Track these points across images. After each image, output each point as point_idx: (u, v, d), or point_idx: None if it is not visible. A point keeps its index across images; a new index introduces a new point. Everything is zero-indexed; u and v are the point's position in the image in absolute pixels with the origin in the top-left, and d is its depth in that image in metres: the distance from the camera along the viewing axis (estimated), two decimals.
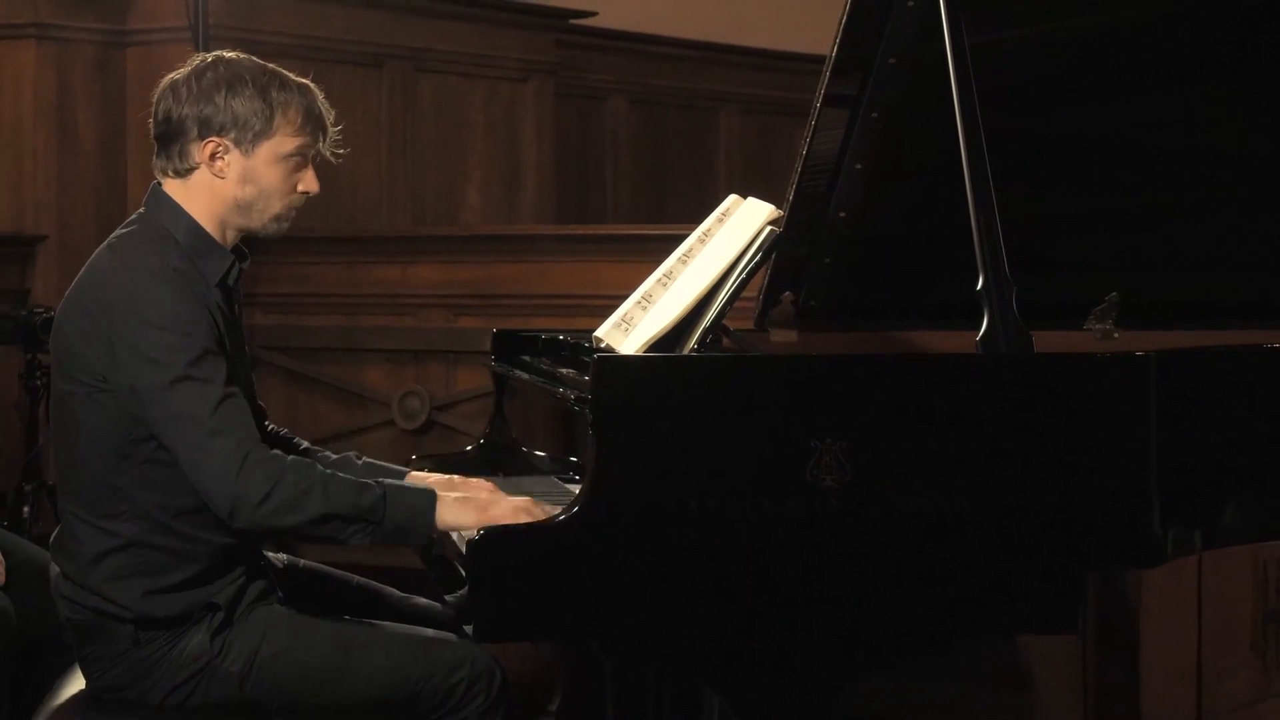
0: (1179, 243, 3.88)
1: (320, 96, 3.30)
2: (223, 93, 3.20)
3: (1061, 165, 3.79)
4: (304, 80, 3.30)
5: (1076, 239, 3.87)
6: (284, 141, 3.24)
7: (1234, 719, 5.17)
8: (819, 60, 3.60)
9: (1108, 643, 4.82)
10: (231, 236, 3.29)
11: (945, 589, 3.04)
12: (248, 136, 3.22)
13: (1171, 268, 3.88)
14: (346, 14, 6.38)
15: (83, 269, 3.25)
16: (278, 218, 3.29)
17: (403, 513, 3.15)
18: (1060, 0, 3.72)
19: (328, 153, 3.32)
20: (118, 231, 3.28)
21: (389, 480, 3.24)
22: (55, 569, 3.30)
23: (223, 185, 3.24)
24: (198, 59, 3.29)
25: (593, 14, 7.32)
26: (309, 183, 3.29)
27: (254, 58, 3.30)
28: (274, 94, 3.23)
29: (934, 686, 4.81)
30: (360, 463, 3.46)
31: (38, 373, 5.26)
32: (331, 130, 3.31)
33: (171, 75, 3.27)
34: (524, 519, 3.11)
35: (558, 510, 3.02)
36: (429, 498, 3.17)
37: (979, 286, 3.14)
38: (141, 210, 3.29)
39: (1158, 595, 4.90)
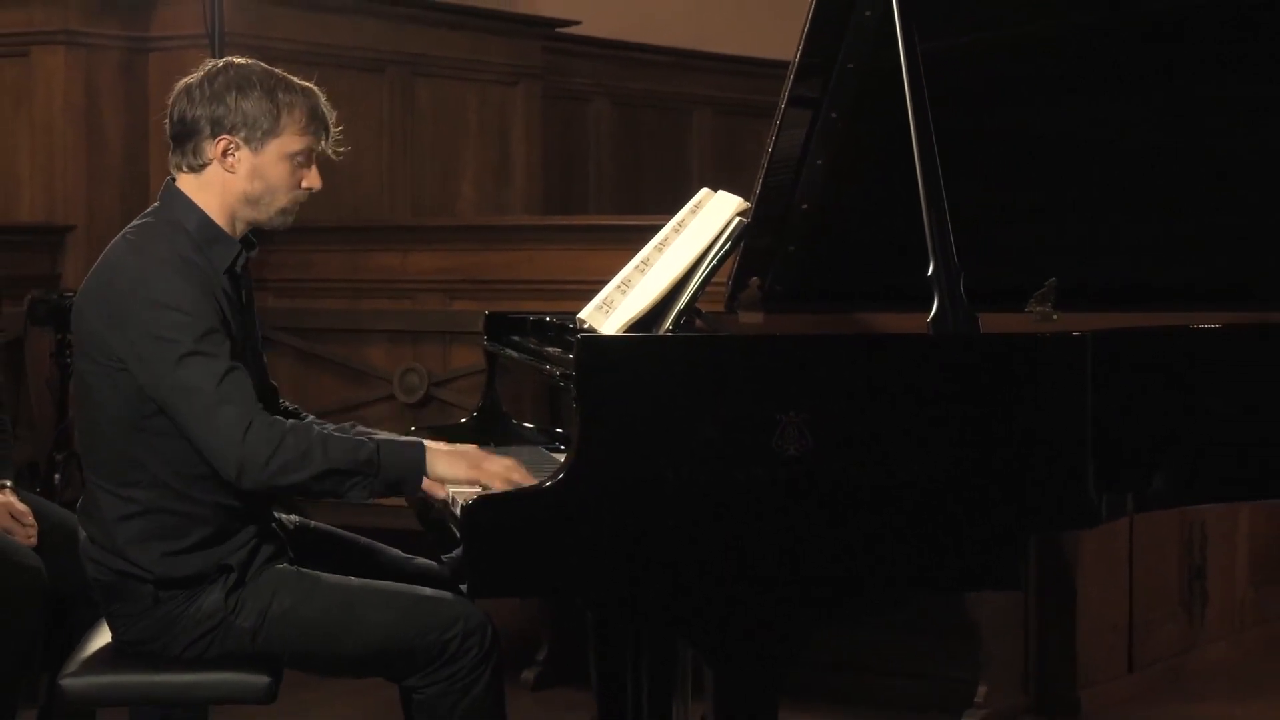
0: (1114, 233, 3.87)
1: (323, 98, 3.29)
2: (233, 94, 3.20)
3: (1005, 162, 3.78)
4: (308, 84, 3.29)
5: (1019, 229, 3.86)
6: (290, 140, 3.23)
7: (1163, 668, 5.19)
8: (784, 65, 3.60)
9: (1048, 598, 4.83)
10: (241, 228, 3.28)
11: (900, 549, 3.03)
12: (257, 135, 3.21)
13: (1107, 256, 3.88)
14: (350, 23, 6.36)
15: (100, 258, 3.25)
16: (283, 211, 3.29)
17: (397, 463, 3.15)
18: (1004, 11, 3.72)
19: (330, 151, 3.31)
20: (133, 223, 3.28)
21: (382, 435, 3.24)
22: (82, 532, 3.29)
23: (233, 180, 3.23)
24: (209, 64, 3.28)
25: (576, 23, 7.31)
26: (312, 179, 3.29)
27: (262, 63, 3.29)
28: (280, 95, 3.22)
29: (889, 637, 4.82)
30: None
31: (67, 351, 5.24)
32: (334, 130, 3.30)
33: (185, 80, 3.27)
34: (515, 476, 3.14)
35: (542, 476, 3.02)
36: (419, 449, 3.17)
37: (929, 272, 3.13)
38: (156, 204, 3.29)
39: (1093, 555, 4.91)
